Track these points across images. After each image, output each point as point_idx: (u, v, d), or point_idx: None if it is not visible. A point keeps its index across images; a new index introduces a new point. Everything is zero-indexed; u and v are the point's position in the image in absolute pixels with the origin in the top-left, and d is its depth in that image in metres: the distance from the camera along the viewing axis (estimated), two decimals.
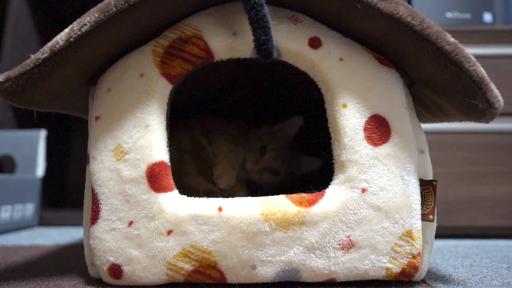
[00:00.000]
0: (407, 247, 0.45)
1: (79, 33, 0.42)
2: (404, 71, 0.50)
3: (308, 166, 0.76)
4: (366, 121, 0.47)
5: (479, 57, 0.50)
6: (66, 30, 0.43)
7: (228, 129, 0.73)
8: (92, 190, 0.47)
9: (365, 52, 0.49)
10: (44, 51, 0.43)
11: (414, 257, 0.45)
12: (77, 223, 1.15)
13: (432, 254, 0.69)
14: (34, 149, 1.15)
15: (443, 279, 0.51)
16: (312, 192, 0.46)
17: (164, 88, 0.49)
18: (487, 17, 1.11)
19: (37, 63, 0.43)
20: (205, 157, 0.70)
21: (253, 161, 0.70)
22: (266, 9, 0.42)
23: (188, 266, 0.45)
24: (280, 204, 0.45)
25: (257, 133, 0.73)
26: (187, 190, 0.50)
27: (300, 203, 0.45)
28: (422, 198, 0.47)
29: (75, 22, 0.43)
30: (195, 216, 0.45)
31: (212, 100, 0.83)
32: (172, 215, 0.45)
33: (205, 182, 0.67)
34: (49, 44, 0.43)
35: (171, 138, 0.50)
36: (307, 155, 0.76)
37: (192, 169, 0.69)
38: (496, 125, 0.97)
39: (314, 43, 0.49)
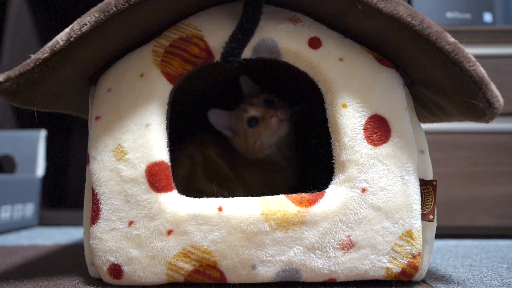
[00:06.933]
0: (407, 247, 0.45)
1: (79, 33, 0.42)
2: (404, 71, 0.50)
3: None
4: (366, 121, 0.47)
5: (479, 57, 0.50)
6: (67, 30, 0.43)
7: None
8: (92, 190, 0.47)
9: (365, 52, 0.49)
10: (44, 51, 0.43)
11: (414, 257, 0.45)
12: (77, 223, 1.15)
13: (432, 254, 0.69)
14: (34, 149, 1.15)
15: (443, 279, 0.51)
16: (312, 192, 0.46)
17: (164, 88, 0.49)
18: (487, 17, 1.11)
19: (38, 63, 0.43)
20: (218, 172, 0.73)
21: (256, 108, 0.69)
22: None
23: (188, 266, 0.45)
24: (280, 204, 0.45)
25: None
26: (197, 192, 0.50)
27: (300, 203, 0.45)
28: (422, 198, 0.47)
29: (75, 22, 0.43)
30: (195, 216, 0.45)
31: (211, 99, 0.83)
32: (172, 215, 0.45)
33: (216, 186, 0.67)
34: (50, 44, 0.43)
35: (182, 148, 0.49)
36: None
37: (202, 177, 0.72)
38: (496, 125, 0.97)
39: (314, 43, 0.49)
